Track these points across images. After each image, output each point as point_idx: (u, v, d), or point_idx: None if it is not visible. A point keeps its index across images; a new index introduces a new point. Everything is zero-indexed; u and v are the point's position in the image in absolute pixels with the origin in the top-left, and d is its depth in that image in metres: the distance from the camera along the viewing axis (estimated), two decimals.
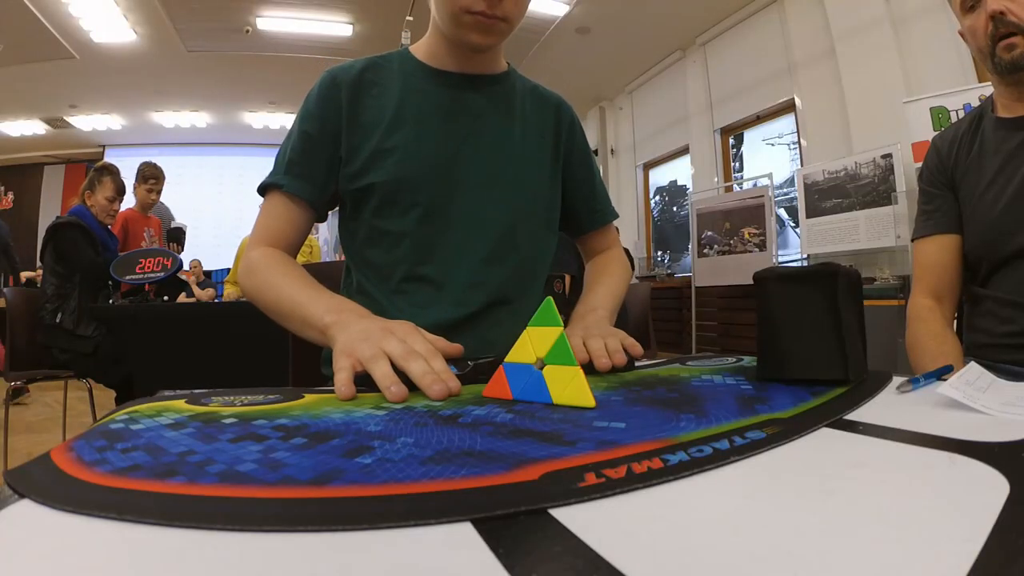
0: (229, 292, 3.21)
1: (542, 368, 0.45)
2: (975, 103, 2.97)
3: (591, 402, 0.42)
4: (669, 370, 0.60)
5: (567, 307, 0.76)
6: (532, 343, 0.47)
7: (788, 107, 4.74)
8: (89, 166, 2.62)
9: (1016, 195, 0.85)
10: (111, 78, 6.02)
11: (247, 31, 5.25)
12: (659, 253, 6.61)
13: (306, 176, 0.75)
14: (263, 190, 0.77)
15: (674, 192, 6.49)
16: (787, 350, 0.51)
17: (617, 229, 0.95)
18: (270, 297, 0.70)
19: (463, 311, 0.74)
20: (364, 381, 0.48)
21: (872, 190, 3.66)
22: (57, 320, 2.18)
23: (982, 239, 0.90)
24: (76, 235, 2.27)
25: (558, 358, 0.45)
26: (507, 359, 0.47)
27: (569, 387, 0.43)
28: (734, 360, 0.66)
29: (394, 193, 0.74)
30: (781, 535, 0.21)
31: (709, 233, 4.82)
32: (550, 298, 0.48)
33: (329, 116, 0.75)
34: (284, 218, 0.76)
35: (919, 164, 1.24)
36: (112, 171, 2.50)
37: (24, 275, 4.83)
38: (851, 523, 0.22)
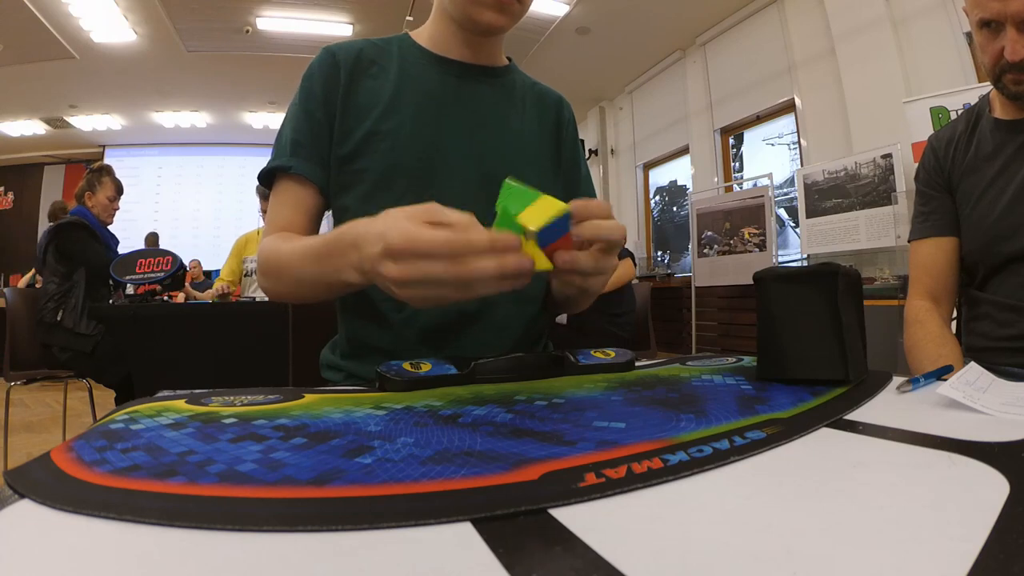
0: (216, 288, 3.08)
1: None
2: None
3: (547, 264, 0.44)
4: (669, 370, 0.60)
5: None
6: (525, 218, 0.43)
7: (788, 107, 4.73)
8: (88, 167, 2.65)
9: (1014, 199, 0.84)
10: (111, 78, 6.02)
11: (247, 31, 5.24)
12: (659, 253, 6.61)
13: (315, 158, 0.70)
14: (267, 175, 0.72)
15: (674, 192, 6.49)
16: (787, 350, 0.51)
17: None
18: (289, 281, 0.64)
19: (459, 308, 0.71)
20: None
21: (872, 190, 3.66)
22: (58, 318, 2.18)
23: (979, 243, 0.89)
24: (83, 234, 2.30)
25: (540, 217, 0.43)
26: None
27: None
28: (734, 360, 0.66)
29: (387, 180, 0.70)
30: (781, 535, 0.21)
31: (709, 233, 4.81)
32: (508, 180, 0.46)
33: (330, 95, 0.71)
34: (295, 205, 0.70)
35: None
36: (110, 171, 2.56)
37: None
38: (851, 523, 0.22)
